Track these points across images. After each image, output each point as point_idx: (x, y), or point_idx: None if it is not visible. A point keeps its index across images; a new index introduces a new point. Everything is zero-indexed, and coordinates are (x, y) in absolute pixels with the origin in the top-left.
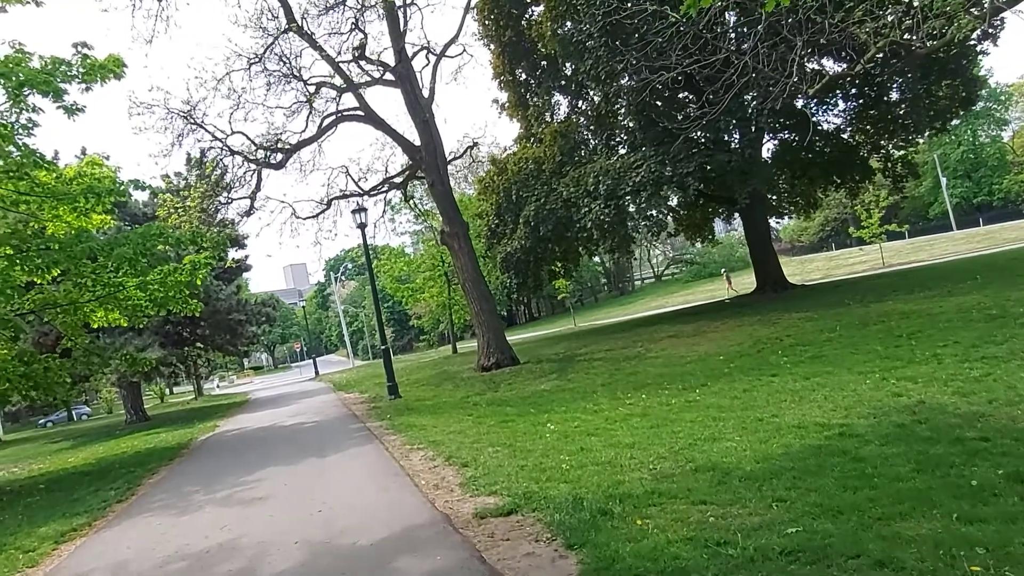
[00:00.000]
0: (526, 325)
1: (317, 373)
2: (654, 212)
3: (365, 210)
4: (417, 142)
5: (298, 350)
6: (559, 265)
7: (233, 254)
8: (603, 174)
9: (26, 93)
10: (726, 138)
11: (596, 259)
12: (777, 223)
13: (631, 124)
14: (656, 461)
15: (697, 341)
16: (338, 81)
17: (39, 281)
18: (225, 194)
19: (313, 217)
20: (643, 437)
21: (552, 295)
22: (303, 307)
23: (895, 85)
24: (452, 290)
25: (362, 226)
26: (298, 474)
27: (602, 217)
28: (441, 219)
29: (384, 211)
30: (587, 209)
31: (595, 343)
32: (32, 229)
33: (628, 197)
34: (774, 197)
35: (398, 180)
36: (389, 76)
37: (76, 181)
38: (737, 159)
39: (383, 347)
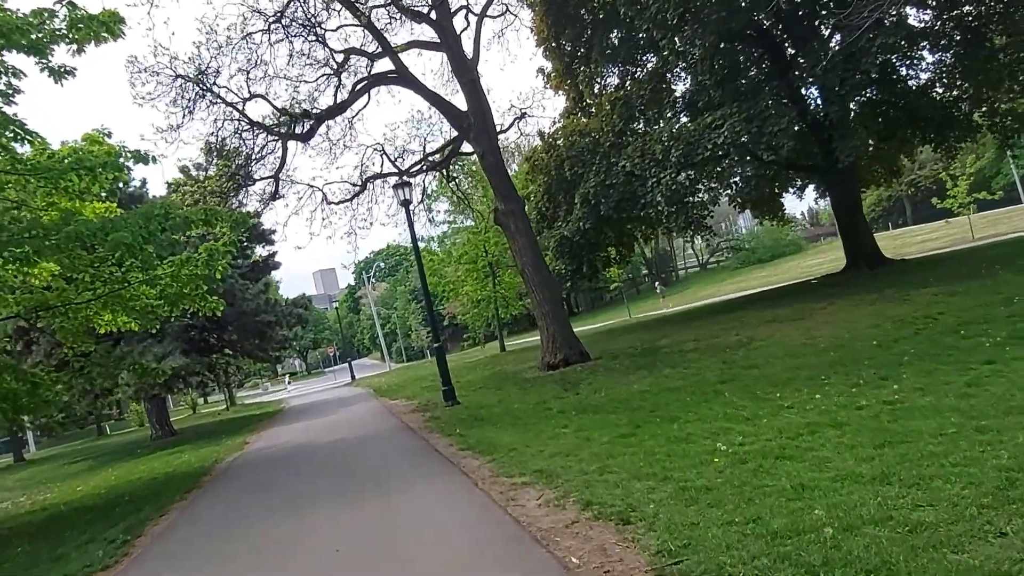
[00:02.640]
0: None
1: (353, 378)
2: (736, 179)
3: (409, 184)
4: (462, 108)
5: (331, 354)
6: (613, 251)
7: (260, 251)
8: (674, 140)
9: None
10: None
11: (635, 248)
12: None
13: (706, 80)
14: (983, 516)
15: (810, 325)
16: (370, 47)
17: (35, 282)
18: (246, 172)
19: (347, 201)
20: (883, 464)
21: (590, 288)
22: (335, 308)
23: (998, 29)
24: (496, 283)
25: (406, 203)
26: (354, 527)
27: (672, 188)
28: (494, 195)
29: (421, 199)
30: (655, 180)
31: (672, 334)
32: (12, 216)
33: (706, 164)
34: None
35: (439, 157)
36: (428, 34)
37: (70, 160)
38: (836, 111)
39: (435, 345)
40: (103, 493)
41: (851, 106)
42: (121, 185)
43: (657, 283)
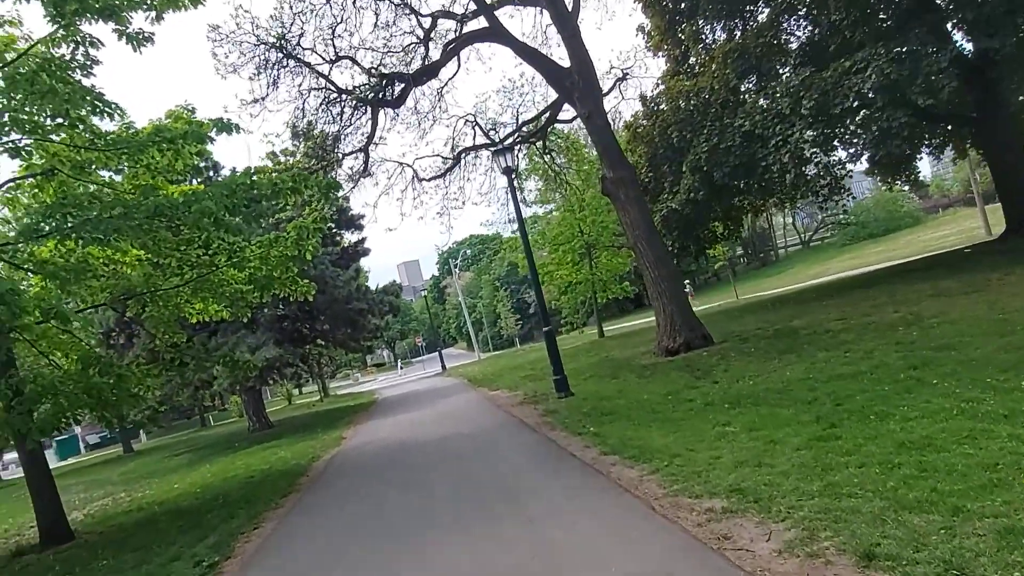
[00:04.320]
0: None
1: (444, 367)
2: (883, 131)
3: (511, 149)
4: (563, 66)
5: (420, 344)
6: (719, 226)
7: (349, 237)
8: (805, 88)
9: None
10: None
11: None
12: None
13: (841, 20)
14: None
15: (994, 298)
16: (458, 8)
17: (126, 270)
18: (334, 147)
19: (438, 177)
20: None
21: (688, 269)
22: (424, 296)
23: None
24: (594, 264)
25: (508, 170)
26: (504, 572)
27: (802, 146)
28: (600, 162)
29: (513, 175)
30: (779, 140)
31: (804, 314)
32: (92, 195)
33: (845, 116)
34: None
35: (534, 127)
36: None
37: (151, 132)
38: (1005, 44)
39: (545, 329)
40: (198, 493)
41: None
42: (202, 165)
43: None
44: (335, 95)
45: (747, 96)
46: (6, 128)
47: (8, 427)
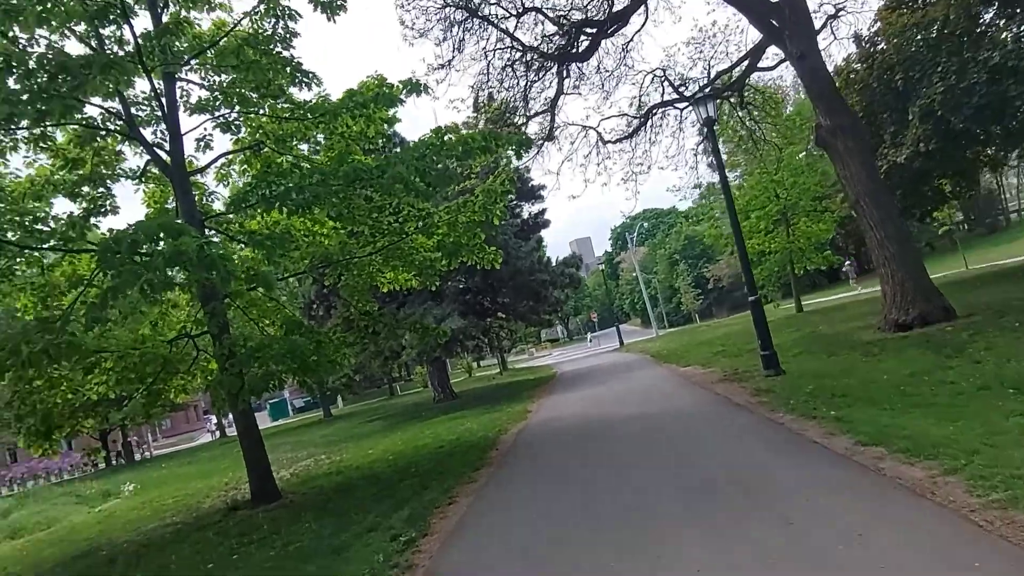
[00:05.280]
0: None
1: (622, 343)
2: None
3: (711, 98)
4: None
5: (594, 320)
6: (947, 183)
7: (529, 208)
8: None
9: None
10: None
11: (979, 180)
12: None
13: None
14: None
15: None
16: None
17: (321, 231)
18: (522, 106)
19: (624, 139)
20: None
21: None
22: (601, 268)
23: None
24: (792, 232)
25: (709, 121)
26: None
27: None
28: (814, 110)
29: (702, 137)
30: None
31: None
32: (290, 162)
33: None
34: None
35: (729, 79)
36: None
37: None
38: None
39: (752, 298)
40: (391, 460)
41: None
42: (390, 131)
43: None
44: (520, 53)
45: (991, 29)
46: (218, 102)
47: (223, 386)
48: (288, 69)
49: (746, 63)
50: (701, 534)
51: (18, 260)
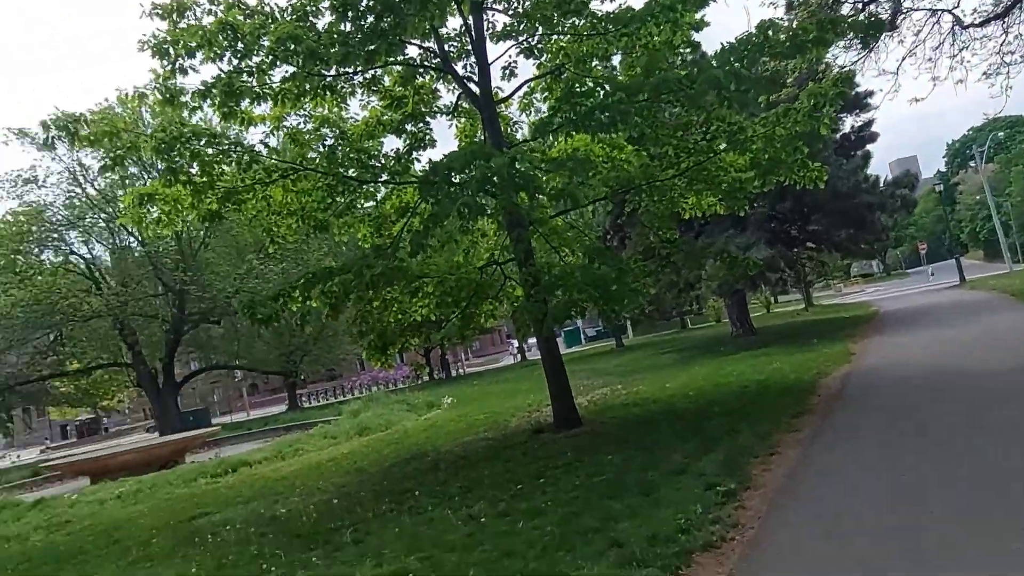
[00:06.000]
0: None
1: (963, 279)
2: None
3: None
4: None
5: (922, 251)
6: None
7: (851, 121)
8: None
9: None
10: None
11: None
12: None
13: None
14: None
15: None
16: None
17: (620, 156)
18: None
19: (993, 20)
20: None
21: None
22: (938, 189)
23: None
24: None
25: None
26: None
27: None
28: None
29: None
30: None
31: None
32: (593, 83)
33: None
34: None
35: None
36: None
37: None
38: None
39: None
40: (691, 396)
41: None
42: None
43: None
44: None
45: None
46: (521, 26)
47: (527, 312)
48: None
49: None
50: None
51: (357, 194)
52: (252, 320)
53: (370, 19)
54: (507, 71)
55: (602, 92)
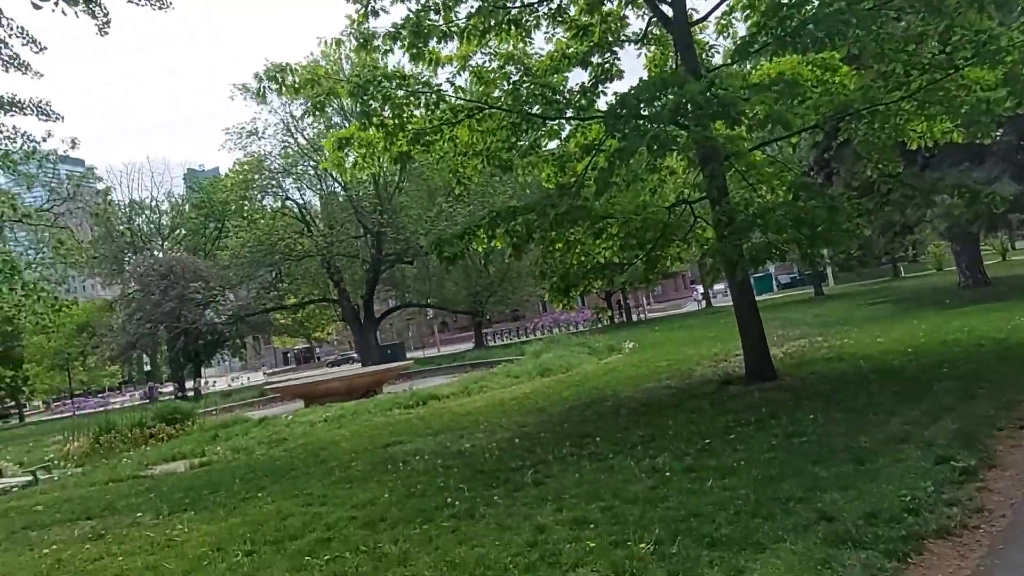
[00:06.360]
0: None
1: None
2: None
3: None
4: None
5: None
6: None
7: None
8: None
9: None
10: None
11: None
12: None
13: None
14: None
15: None
16: None
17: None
18: None
19: None
20: None
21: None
22: None
23: None
24: None
25: None
26: None
27: None
28: None
29: None
30: None
31: None
32: None
33: None
34: None
35: None
36: None
37: None
38: None
39: None
40: (909, 353)
41: None
42: None
43: None
44: None
45: None
46: None
47: (720, 255)
48: None
49: None
50: None
51: (541, 132)
52: (439, 258)
53: None
54: None
55: (817, 1)
